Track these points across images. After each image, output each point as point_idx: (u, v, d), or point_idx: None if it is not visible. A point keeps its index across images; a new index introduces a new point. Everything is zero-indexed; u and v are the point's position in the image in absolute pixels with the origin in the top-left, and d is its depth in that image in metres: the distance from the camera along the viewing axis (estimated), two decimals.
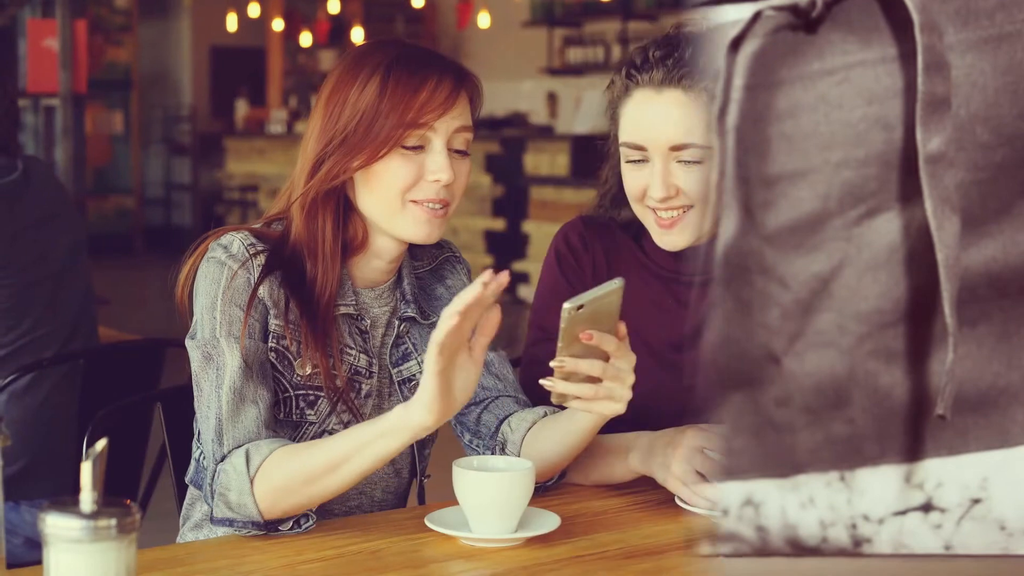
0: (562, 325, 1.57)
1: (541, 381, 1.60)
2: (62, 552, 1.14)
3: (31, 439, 2.82)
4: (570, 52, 12.28)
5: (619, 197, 2.06)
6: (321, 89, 1.82)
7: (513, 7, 12.53)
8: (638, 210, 1.99)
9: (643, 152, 1.93)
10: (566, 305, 1.55)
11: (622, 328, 1.63)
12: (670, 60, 1.91)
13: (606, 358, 1.61)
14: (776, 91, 1.06)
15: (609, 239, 2.10)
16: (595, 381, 1.61)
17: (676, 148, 1.91)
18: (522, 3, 12.46)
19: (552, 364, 1.59)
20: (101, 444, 1.15)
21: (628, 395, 1.63)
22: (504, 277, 1.50)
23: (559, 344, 1.59)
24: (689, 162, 1.91)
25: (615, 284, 1.60)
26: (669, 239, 1.97)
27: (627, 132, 1.95)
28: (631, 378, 1.63)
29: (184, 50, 14.56)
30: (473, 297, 1.49)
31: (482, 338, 1.58)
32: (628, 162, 1.96)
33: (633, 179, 1.96)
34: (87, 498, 1.14)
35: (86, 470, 1.14)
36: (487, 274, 1.49)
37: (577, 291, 2.07)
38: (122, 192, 14.18)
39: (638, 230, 2.06)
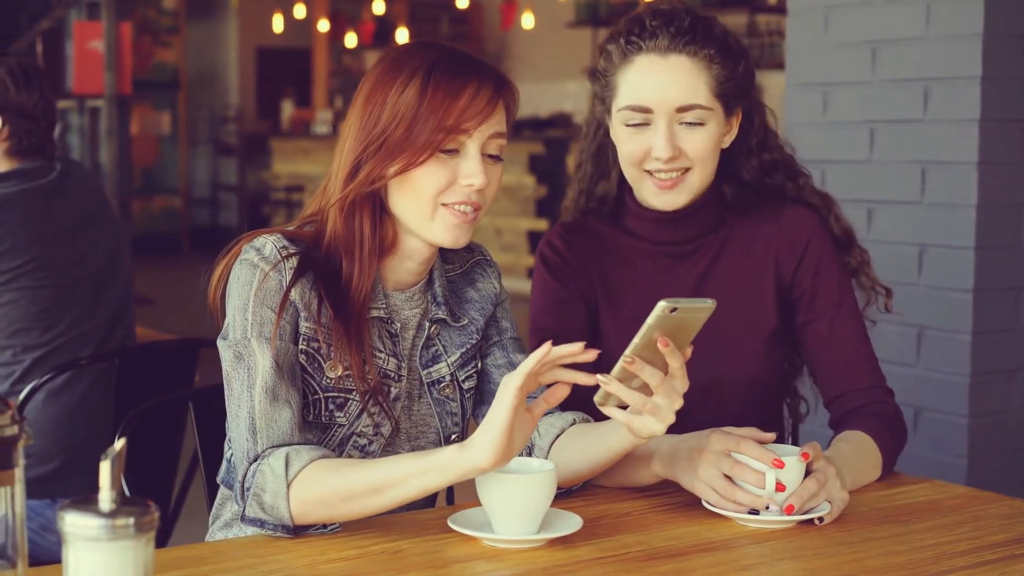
0: (649, 321, 1.54)
1: (597, 377, 1.58)
2: (80, 550, 1.15)
3: (67, 437, 2.85)
4: None
5: (597, 173, 2.14)
6: (359, 90, 1.82)
7: (558, 8, 12.52)
8: (633, 175, 2.04)
9: (647, 115, 1.99)
10: (662, 303, 1.53)
11: (689, 351, 1.61)
12: (672, 27, 1.98)
13: (664, 373, 1.60)
14: None
15: (591, 237, 2.15)
16: (646, 392, 1.60)
17: (682, 109, 1.98)
18: (567, 3, 12.45)
19: (624, 357, 1.57)
20: (119, 444, 1.16)
21: (672, 419, 1.62)
22: (593, 353, 1.56)
23: (636, 341, 1.56)
24: (692, 124, 1.99)
25: (708, 303, 1.56)
26: (667, 199, 2.03)
27: (630, 96, 2.00)
28: (680, 403, 1.61)
29: (231, 51, 14.65)
30: (569, 351, 1.56)
31: (544, 404, 1.61)
32: (629, 126, 2.01)
33: (635, 143, 2.01)
34: (105, 497, 1.15)
35: (104, 469, 1.15)
36: (590, 351, 1.57)
37: (569, 290, 2.08)
38: (169, 192, 14.30)
39: (615, 209, 2.12)
